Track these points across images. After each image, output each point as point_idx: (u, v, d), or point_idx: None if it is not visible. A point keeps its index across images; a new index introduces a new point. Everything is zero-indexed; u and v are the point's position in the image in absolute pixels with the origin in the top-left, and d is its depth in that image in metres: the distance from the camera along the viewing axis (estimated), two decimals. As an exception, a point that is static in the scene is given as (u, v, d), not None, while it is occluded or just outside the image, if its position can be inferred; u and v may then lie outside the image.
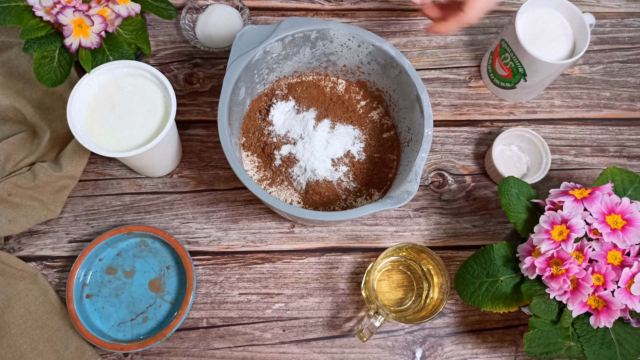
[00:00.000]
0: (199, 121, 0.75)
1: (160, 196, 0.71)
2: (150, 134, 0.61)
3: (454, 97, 0.78)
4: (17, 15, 0.59)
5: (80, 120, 0.60)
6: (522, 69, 0.70)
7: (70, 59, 0.61)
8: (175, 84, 0.76)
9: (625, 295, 0.51)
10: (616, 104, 0.80)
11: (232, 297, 0.67)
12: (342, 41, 0.64)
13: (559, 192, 0.57)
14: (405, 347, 0.66)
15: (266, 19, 0.81)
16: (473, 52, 0.81)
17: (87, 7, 0.60)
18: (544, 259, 0.53)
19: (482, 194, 0.74)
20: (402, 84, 0.64)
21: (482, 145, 0.76)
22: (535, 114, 0.78)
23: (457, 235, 0.72)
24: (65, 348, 0.63)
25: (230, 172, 0.72)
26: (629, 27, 0.84)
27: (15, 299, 0.64)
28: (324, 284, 0.68)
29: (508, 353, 0.67)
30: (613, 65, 0.82)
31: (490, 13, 0.84)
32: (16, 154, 0.67)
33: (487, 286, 0.57)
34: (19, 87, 0.70)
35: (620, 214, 0.53)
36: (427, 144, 0.58)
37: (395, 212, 0.72)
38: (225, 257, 0.69)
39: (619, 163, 0.76)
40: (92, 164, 0.72)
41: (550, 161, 0.71)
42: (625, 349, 0.53)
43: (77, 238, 0.69)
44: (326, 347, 0.66)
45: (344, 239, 0.70)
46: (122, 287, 0.66)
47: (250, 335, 0.66)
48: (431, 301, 0.64)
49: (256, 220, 0.70)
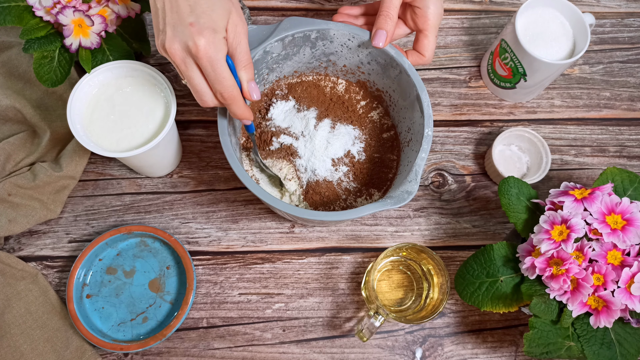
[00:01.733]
0: (199, 121, 0.75)
1: (160, 196, 0.71)
2: (150, 134, 0.61)
3: (454, 97, 0.78)
4: (17, 15, 0.59)
5: (80, 120, 0.60)
6: (522, 69, 0.70)
7: (70, 59, 0.61)
8: (175, 84, 0.76)
9: (625, 295, 0.51)
10: (616, 104, 0.80)
11: (232, 297, 0.67)
12: (342, 41, 0.64)
13: (559, 192, 0.57)
14: (405, 347, 0.66)
15: (266, 19, 0.81)
16: (473, 52, 0.81)
17: (87, 7, 0.60)
18: (544, 259, 0.53)
19: (482, 194, 0.74)
20: (402, 84, 0.64)
21: (482, 145, 0.76)
22: (535, 114, 0.78)
23: (457, 235, 0.72)
24: (65, 348, 0.63)
25: (230, 172, 0.72)
26: (629, 27, 0.84)
27: (15, 299, 0.64)
28: (324, 284, 0.68)
29: (508, 353, 0.67)
30: (613, 65, 0.82)
31: (490, 13, 0.84)
32: (16, 154, 0.67)
33: (487, 286, 0.57)
34: (19, 87, 0.70)
35: (620, 214, 0.53)
36: (427, 144, 0.58)
37: (395, 212, 0.72)
38: (225, 257, 0.69)
39: (619, 163, 0.76)
40: (92, 164, 0.72)
41: (550, 161, 0.71)
42: (625, 349, 0.53)
43: (77, 238, 0.69)
44: (326, 347, 0.66)
45: (344, 239, 0.70)
46: (122, 287, 0.66)
47: (250, 335, 0.66)
48: (431, 301, 0.64)
49: (256, 220, 0.70)
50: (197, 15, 0.48)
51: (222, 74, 0.50)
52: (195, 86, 0.51)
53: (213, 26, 0.49)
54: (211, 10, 0.49)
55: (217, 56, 0.49)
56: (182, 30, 0.48)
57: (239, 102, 0.53)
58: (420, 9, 0.59)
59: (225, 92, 0.51)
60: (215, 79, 0.50)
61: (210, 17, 0.49)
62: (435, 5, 0.59)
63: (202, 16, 0.48)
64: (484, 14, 0.84)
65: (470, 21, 0.83)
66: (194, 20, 0.48)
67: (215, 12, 0.49)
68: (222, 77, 0.50)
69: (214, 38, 0.49)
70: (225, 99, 0.52)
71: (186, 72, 0.51)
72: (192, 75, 0.51)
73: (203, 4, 0.49)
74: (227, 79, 0.51)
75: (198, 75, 0.51)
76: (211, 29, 0.48)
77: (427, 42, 0.61)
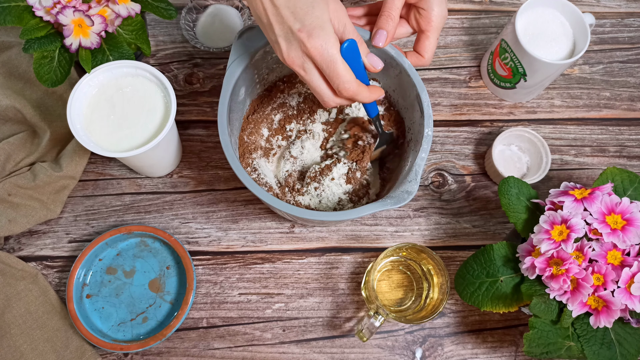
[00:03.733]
0: (199, 121, 0.75)
1: (160, 196, 0.71)
2: (150, 134, 0.61)
3: (454, 97, 0.78)
4: (17, 15, 0.59)
5: (80, 120, 0.60)
6: (522, 69, 0.70)
7: (70, 59, 0.61)
8: (175, 84, 0.76)
9: (625, 295, 0.51)
10: (616, 104, 0.80)
11: (232, 297, 0.67)
12: (342, 41, 0.64)
13: (559, 192, 0.57)
14: (405, 347, 0.66)
15: (266, 19, 0.81)
16: (473, 52, 0.81)
17: (87, 7, 0.60)
18: (544, 259, 0.53)
19: (482, 194, 0.74)
20: (402, 83, 0.64)
21: (482, 145, 0.76)
22: (535, 114, 0.78)
23: (457, 235, 0.72)
24: (65, 348, 0.63)
25: (230, 172, 0.72)
26: (629, 27, 0.84)
27: (15, 299, 0.64)
28: (324, 284, 0.68)
29: (508, 353, 0.67)
30: (613, 65, 0.82)
31: (490, 13, 0.84)
32: (16, 154, 0.67)
33: (487, 286, 0.57)
34: (19, 87, 0.70)
35: (620, 214, 0.53)
36: (427, 144, 0.58)
37: (395, 212, 0.72)
38: (225, 257, 0.69)
39: (619, 163, 0.76)
40: (92, 164, 0.72)
41: (550, 161, 0.71)
42: (625, 349, 0.53)
43: (77, 238, 0.69)
44: (326, 347, 0.66)
45: (344, 239, 0.70)
46: (122, 287, 0.66)
47: (250, 335, 0.66)
48: (431, 301, 0.64)
49: (256, 220, 0.70)
50: (301, 19, 0.48)
51: (338, 69, 0.50)
52: (316, 88, 0.52)
53: (319, 24, 0.49)
54: (312, 7, 0.49)
55: (331, 52, 0.50)
56: (293, 39, 0.49)
57: (362, 91, 0.53)
58: (425, 10, 0.59)
59: (347, 85, 0.52)
60: (334, 75, 0.51)
61: (314, 15, 0.49)
62: (439, 7, 0.59)
63: (305, 18, 0.49)
64: (484, 14, 0.84)
65: (470, 21, 0.83)
66: (299, 26, 0.48)
67: (316, 8, 0.49)
68: (339, 72, 0.50)
69: (324, 36, 0.49)
70: (349, 93, 0.52)
71: (306, 77, 0.51)
72: (312, 79, 0.51)
73: (302, 6, 0.49)
74: (345, 74, 0.51)
75: (317, 77, 0.51)
76: (319, 28, 0.49)
77: (428, 43, 0.61)
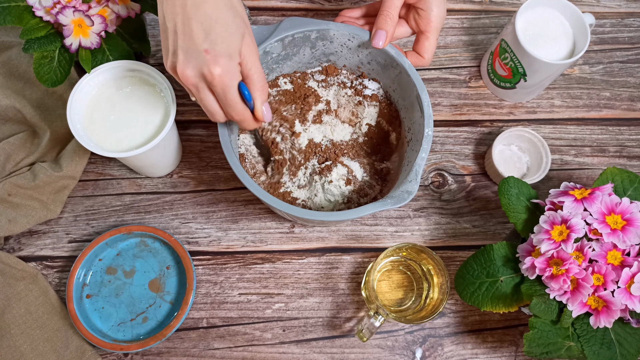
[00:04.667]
0: (199, 121, 0.75)
1: (160, 196, 0.71)
2: (150, 134, 0.61)
3: (454, 97, 0.78)
4: (17, 15, 0.59)
5: (80, 120, 0.60)
6: (522, 69, 0.70)
7: (70, 59, 0.61)
8: (175, 84, 0.76)
9: (625, 295, 0.51)
10: (616, 104, 0.80)
11: (232, 297, 0.67)
12: (342, 41, 0.64)
13: (559, 192, 0.57)
14: (405, 347, 0.66)
15: (266, 19, 0.81)
16: (473, 52, 0.81)
17: (87, 7, 0.60)
18: (544, 259, 0.53)
19: (482, 194, 0.74)
20: (402, 84, 0.64)
21: (482, 145, 0.76)
22: (535, 114, 0.78)
23: (457, 235, 0.72)
24: (65, 348, 0.63)
25: (230, 172, 0.72)
26: (629, 27, 0.84)
27: (15, 299, 0.64)
28: (324, 284, 0.68)
29: (508, 353, 0.67)
30: (613, 65, 0.82)
31: (490, 13, 0.84)
32: (16, 154, 0.67)
33: (487, 286, 0.57)
34: (19, 87, 0.70)
35: (620, 214, 0.53)
36: (427, 144, 0.58)
37: (395, 212, 0.72)
38: (225, 257, 0.69)
39: (619, 163, 0.76)
40: (92, 164, 0.72)
41: (550, 161, 0.71)
42: (625, 349, 0.53)
43: (77, 238, 0.69)
44: (326, 347, 0.66)
45: (344, 239, 0.70)
46: (122, 287, 0.66)
47: (250, 335, 0.66)
48: (431, 301, 0.64)
49: (256, 220, 0.70)
50: (212, 41, 0.47)
51: (234, 99, 0.51)
52: (208, 107, 0.52)
53: (229, 52, 0.48)
54: (227, 35, 0.48)
55: (231, 83, 0.50)
56: (196, 56, 0.48)
57: (248, 120, 0.54)
58: (424, 11, 0.59)
59: (236, 115, 0.53)
60: (227, 103, 0.51)
61: (226, 43, 0.48)
62: (438, 8, 0.59)
63: (217, 42, 0.47)
64: (484, 14, 0.84)
65: (470, 21, 0.83)
66: (209, 47, 0.47)
67: (231, 37, 0.48)
68: (234, 102, 0.51)
69: (230, 66, 0.48)
70: (237, 120, 0.54)
71: (198, 95, 0.51)
72: (205, 98, 0.51)
73: (219, 29, 0.47)
74: (239, 103, 0.52)
75: (211, 99, 0.51)
76: (227, 56, 0.48)
77: (428, 44, 0.61)
